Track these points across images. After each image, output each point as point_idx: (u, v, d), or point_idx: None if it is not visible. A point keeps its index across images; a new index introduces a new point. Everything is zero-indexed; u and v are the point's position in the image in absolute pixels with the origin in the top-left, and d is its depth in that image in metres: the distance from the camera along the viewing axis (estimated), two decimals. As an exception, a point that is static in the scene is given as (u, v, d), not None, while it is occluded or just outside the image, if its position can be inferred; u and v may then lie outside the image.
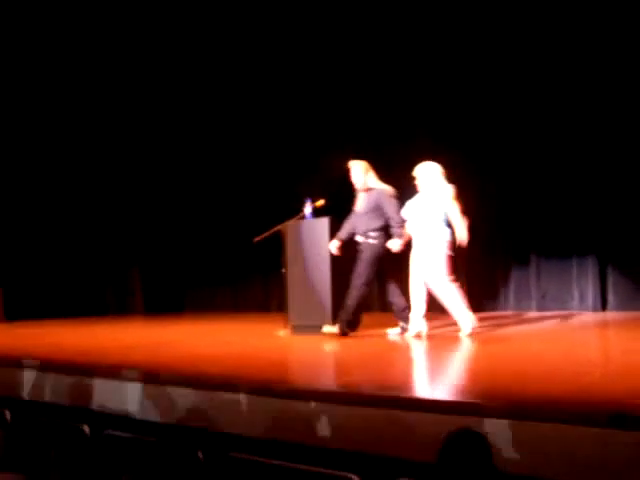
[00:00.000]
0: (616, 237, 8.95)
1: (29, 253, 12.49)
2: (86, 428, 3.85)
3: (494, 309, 9.57)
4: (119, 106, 12.57)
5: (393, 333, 7.21)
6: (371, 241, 7.12)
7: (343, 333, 7.10)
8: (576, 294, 9.23)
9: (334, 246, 7.25)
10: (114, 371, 5.26)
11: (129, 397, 4.95)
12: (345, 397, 3.98)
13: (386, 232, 7.11)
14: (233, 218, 11.64)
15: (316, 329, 7.36)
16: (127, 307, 13.02)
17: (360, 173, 7.30)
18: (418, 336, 6.87)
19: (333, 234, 7.35)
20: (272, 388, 4.31)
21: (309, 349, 6.72)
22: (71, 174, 12.62)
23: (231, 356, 6.19)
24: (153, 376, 4.99)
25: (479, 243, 8.08)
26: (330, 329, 7.24)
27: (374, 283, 7.55)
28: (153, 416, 4.73)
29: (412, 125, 10.10)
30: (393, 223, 7.07)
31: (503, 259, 9.74)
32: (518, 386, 3.99)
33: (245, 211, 11.42)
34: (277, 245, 7.91)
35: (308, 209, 7.65)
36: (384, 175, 7.41)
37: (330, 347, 6.68)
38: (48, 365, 5.83)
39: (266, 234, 7.81)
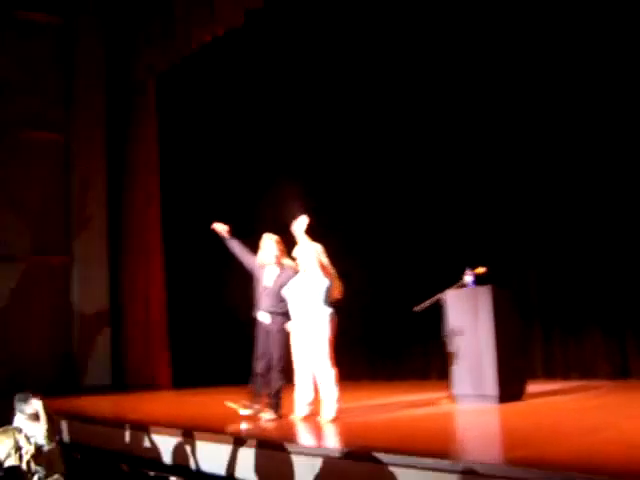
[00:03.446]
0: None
1: (195, 320, 13.01)
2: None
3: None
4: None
5: (267, 418, 6.79)
6: (280, 325, 6.88)
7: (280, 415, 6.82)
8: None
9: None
10: (278, 444, 5.36)
11: (299, 469, 5.02)
12: (514, 473, 3.88)
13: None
14: (393, 286, 11.64)
15: (480, 399, 7.23)
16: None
17: (275, 247, 7.06)
18: (305, 418, 6.56)
19: (496, 302, 7.24)
20: (441, 462, 4.26)
21: (475, 420, 6.59)
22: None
23: (397, 428, 6.16)
24: (322, 450, 5.06)
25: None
26: (266, 416, 6.85)
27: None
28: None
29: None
30: None
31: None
32: None
33: (405, 279, 11.40)
34: (436, 313, 7.85)
35: (469, 277, 7.56)
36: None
37: (494, 418, 6.53)
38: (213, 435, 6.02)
39: (427, 303, 7.73)
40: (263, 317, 6.98)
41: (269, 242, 7.10)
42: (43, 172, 13.48)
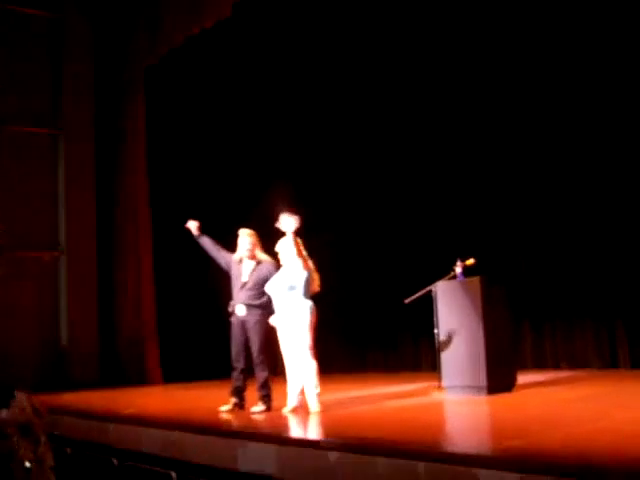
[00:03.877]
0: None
1: (185, 316, 12.97)
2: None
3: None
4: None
5: (257, 410, 6.78)
6: (257, 317, 6.88)
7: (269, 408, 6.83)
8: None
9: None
10: (269, 435, 5.34)
11: (282, 461, 5.00)
12: (504, 463, 3.87)
13: (270, 306, 6.84)
14: (384, 278, 11.63)
15: (470, 390, 7.23)
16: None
17: (248, 241, 7.07)
18: (294, 411, 6.59)
19: (485, 294, 7.24)
20: (430, 453, 4.26)
21: (465, 411, 6.59)
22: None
23: (387, 419, 6.16)
24: (311, 442, 5.04)
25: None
26: (256, 408, 6.83)
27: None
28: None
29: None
30: None
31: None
32: None
33: (396, 270, 11.38)
34: (428, 304, 7.85)
35: (458, 269, 7.56)
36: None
37: (484, 408, 6.53)
38: (205, 429, 6.00)
39: (417, 295, 7.75)
40: (240, 310, 6.98)
41: (243, 236, 7.14)
42: (32, 166, 13.39)
